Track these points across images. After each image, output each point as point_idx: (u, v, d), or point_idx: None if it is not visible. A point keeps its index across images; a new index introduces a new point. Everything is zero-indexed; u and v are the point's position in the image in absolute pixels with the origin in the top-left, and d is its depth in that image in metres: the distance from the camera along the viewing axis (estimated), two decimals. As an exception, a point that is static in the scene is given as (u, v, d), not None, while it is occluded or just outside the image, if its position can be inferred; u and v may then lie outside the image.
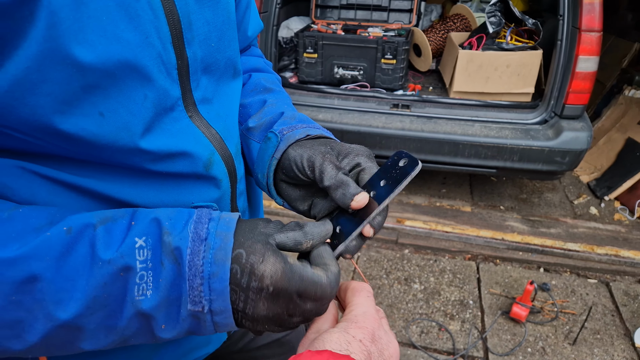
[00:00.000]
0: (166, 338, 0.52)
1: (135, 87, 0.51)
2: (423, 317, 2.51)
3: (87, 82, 0.47)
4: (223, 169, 0.65)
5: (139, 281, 0.48)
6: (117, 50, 0.48)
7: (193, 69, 0.59)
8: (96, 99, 0.49)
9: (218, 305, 0.50)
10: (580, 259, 2.87)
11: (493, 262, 2.92)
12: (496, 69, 2.98)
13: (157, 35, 0.52)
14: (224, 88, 0.69)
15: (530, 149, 2.75)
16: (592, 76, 2.65)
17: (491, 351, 2.31)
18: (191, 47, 0.57)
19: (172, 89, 0.56)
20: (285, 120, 0.71)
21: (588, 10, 2.52)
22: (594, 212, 3.33)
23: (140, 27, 0.50)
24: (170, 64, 0.55)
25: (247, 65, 0.89)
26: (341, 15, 3.64)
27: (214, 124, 0.64)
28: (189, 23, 0.56)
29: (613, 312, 2.55)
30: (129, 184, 0.58)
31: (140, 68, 0.51)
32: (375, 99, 3.06)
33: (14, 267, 0.45)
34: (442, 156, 2.91)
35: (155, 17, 0.51)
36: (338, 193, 0.59)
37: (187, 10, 0.55)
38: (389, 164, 0.61)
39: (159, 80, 0.53)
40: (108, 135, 0.51)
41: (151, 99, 0.53)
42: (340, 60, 3.26)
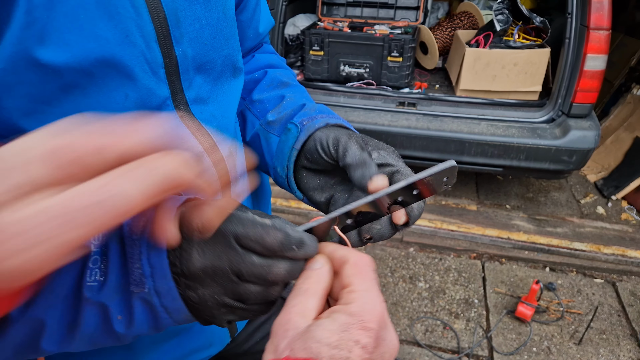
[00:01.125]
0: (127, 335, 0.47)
1: (115, 86, 0.51)
2: (428, 316, 2.50)
3: (64, 82, 0.47)
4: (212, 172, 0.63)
5: (92, 265, 0.44)
6: (95, 49, 0.47)
7: (183, 68, 0.58)
8: (75, 98, 0.49)
9: (161, 283, 0.44)
10: (586, 259, 2.86)
11: (499, 261, 2.91)
12: (503, 67, 2.97)
13: (139, 33, 0.51)
14: (222, 87, 0.68)
15: (537, 147, 2.74)
16: (600, 75, 2.63)
17: (496, 350, 2.30)
18: (180, 45, 0.56)
19: (159, 88, 0.55)
20: (306, 112, 0.69)
21: (597, 8, 2.50)
22: (600, 211, 3.31)
23: (120, 25, 0.49)
24: (156, 62, 0.53)
25: (261, 62, 0.87)
26: (348, 13, 3.63)
27: (207, 124, 0.63)
28: (177, 20, 0.55)
29: (619, 312, 2.53)
30: None
31: (120, 67, 0.50)
32: (381, 97, 3.05)
33: None
34: (448, 155, 2.89)
35: (137, 14, 0.50)
36: (358, 172, 0.55)
37: (174, 7, 0.54)
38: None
39: (141, 79, 0.52)
40: None
41: (133, 98, 0.52)
42: (347, 57, 3.25)
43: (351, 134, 0.60)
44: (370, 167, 0.54)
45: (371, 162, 0.55)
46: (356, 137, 0.59)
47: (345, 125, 0.66)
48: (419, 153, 2.93)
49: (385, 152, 0.59)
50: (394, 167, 0.58)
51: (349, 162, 0.56)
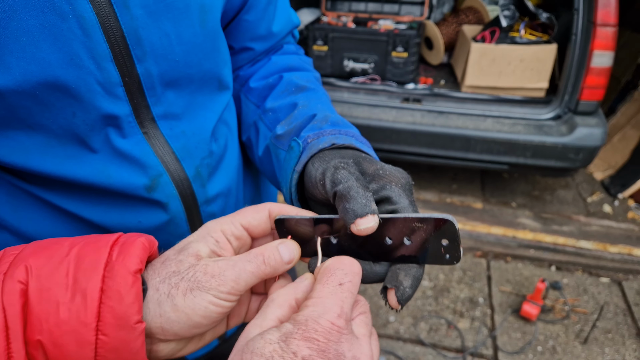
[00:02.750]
0: None
1: (61, 106, 0.50)
2: (432, 315, 2.49)
3: (7, 103, 0.47)
4: (172, 192, 0.62)
5: None
6: (36, 72, 0.47)
7: (148, 85, 0.56)
8: (22, 116, 0.49)
9: None
10: (592, 258, 2.84)
11: (504, 259, 2.89)
12: (509, 63, 2.94)
13: (88, 54, 0.49)
14: (201, 102, 0.65)
15: (543, 145, 2.72)
16: (607, 71, 2.61)
17: (501, 349, 2.29)
18: (143, 63, 0.54)
19: (115, 106, 0.54)
20: (315, 125, 0.61)
21: (604, 5, 2.47)
22: (607, 210, 3.29)
23: (65, 48, 0.48)
24: (110, 82, 0.52)
25: (278, 65, 0.80)
26: (352, 8, 3.61)
27: (173, 142, 0.61)
28: (138, 39, 0.53)
29: (625, 311, 2.51)
30: (78, 198, 0.58)
31: (64, 88, 0.49)
32: (386, 93, 3.03)
33: None
34: (454, 151, 2.88)
35: (86, 36, 0.49)
36: (341, 206, 0.45)
37: (133, 25, 0.52)
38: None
39: (89, 99, 0.51)
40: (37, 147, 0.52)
41: (81, 116, 0.52)
42: (351, 53, 3.23)
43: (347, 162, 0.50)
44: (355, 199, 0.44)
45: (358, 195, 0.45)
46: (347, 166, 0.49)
47: (354, 146, 0.56)
48: (424, 150, 2.91)
49: (389, 185, 0.48)
50: (394, 206, 0.47)
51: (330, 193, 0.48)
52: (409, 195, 0.48)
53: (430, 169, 3.64)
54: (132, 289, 0.41)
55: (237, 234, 0.48)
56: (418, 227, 0.44)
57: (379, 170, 0.49)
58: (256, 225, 0.49)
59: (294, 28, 0.85)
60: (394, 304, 0.45)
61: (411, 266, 0.47)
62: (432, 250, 0.45)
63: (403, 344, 2.32)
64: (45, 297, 0.40)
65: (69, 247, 0.43)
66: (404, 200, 0.47)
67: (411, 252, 0.46)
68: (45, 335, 0.39)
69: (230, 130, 0.75)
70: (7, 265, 0.41)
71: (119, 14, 0.50)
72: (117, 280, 0.41)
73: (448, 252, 0.45)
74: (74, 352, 0.40)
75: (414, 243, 0.45)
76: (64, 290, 0.40)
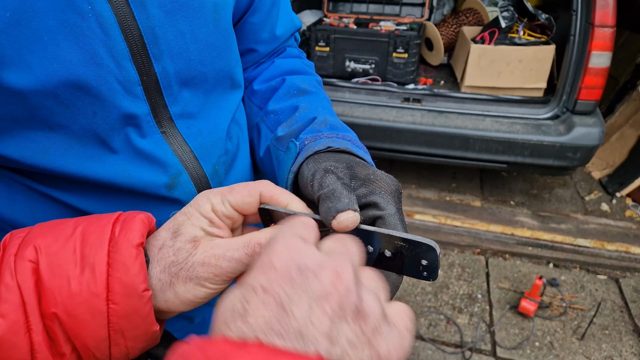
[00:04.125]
0: None
1: (82, 105, 0.51)
2: (431, 310, 2.52)
3: (29, 103, 0.48)
4: (191, 190, 0.63)
5: None
6: (58, 71, 0.47)
7: (165, 84, 0.57)
8: (42, 117, 0.49)
9: None
10: (590, 255, 2.87)
11: (502, 256, 2.92)
12: (508, 64, 2.97)
13: (108, 53, 0.50)
14: (216, 101, 0.66)
15: (541, 144, 2.75)
16: (604, 72, 2.63)
17: (499, 345, 2.32)
18: (160, 61, 0.55)
19: (134, 105, 0.54)
20: (314, 127, 0.62)
21: (601, 6, 2.50)
22: (605, 208, 3.31)
23: (85, 47, 0.48)
24: (129, 81, 0.53)
25: (281, 68, 0.82)
26: (353, 9, 3.64)
27: (191, 141, 0.62)
28: (155, 37, 0.53)
29: (622, 308, 2.54)
30: (95, 198, 0.58)
31: (85, 87, 0.50)
32: (387, 93, 3.06)
33: None
34: (453, 150, 2.90)
35: (105, 35, 0.49)
36: (324, 206, 0.46)
37: (150, 24, 0.53)
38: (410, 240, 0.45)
39: (109, 98, 0.52)
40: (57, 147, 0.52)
41: (101, 116, 0.52)
42: (352, 53, 3.26)
43: (338, 166, 0.51)
44: (339, 199, 0.45)
45: (342, 195, 0.45)
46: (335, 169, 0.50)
47: (349, 150, 0.56)
48: (424, 149, 2.94)
49: (378, 190, 0.48)
50: (380, 212, 0.47)
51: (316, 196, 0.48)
52: (397, 203, 0.48)
53: (430, 167, 3.67)
54: (136, 261, 0.43)
55: (228, 214, 0.48)
56: (400, 245, 0.45)
57: (370, 175, 0.50)
58: (247, 209, 0.49)
59: (296, 31, 0.87)
60: None
61: (390, 273, 0.47)
62: (410, 266, 0.46)
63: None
64: (56, 273, 0.42)
65: (74, 227, 0.45)
66: (391, 207, 0.47)
67: (390, 263, 0.47)
68: (60, 308, 0.42)
69: (242, 130, 0.77)
70: (16, 247, 0.44)
71: (136, 13, 0.51)
72: (122, 254, 0.43)
73: (426, 271, 0.45)
74: (88, 321, 0.42)
75: (394, 257, 0.46)
76: (73, 266, 0.43)
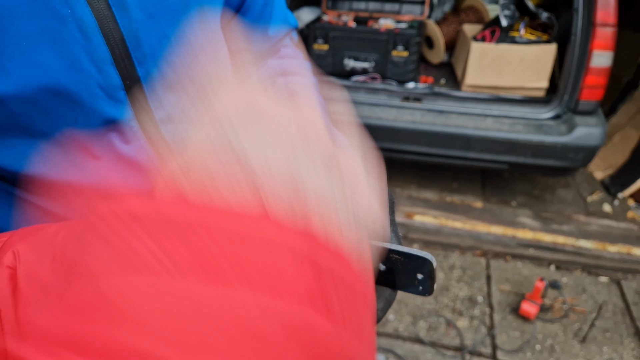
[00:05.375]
0: None
1: (63, 111, 0.50)
2: (431, 313, 2.50)
3: (9, 110, 0.47)
4: None
5: None
6: (37, 77, 0.47)
7: (149, 88, 0.56)
8: (23, 124, 0.49)
9: None
10: (591, 257, 2.85)
11: (503, 258, 2.90)
12: (509, 63, 2.95)
13: (89, 58, 0.49)
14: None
15: (543, 144, 2.72)
16: (606, 71, 2.61)
17: (499, 348, 2.30)
18: (143, 65, 0.54)
19: (117, 110, 0.53)
20: None
21: (603, 5, 2.48)
22: (607, 209, 3.29)
23: (65, 52, 0.48)
24: (111, 86, 0.52)
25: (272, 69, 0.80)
26: (352, 7, 3.62)
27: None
28: (137, 41, 0.53)
29: (623, 310, 2.52)
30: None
31: (65, 93, 0.49)
32: (386, 92, 3.04)
33: None
34: (454, 150, 2.89)
35: (86, 39, 0.48)
36: None
37: (133, 28, 0.52)
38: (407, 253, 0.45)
39: (90, 104, 0.51)
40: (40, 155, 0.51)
41: (82, 122, 0.52)
42: (351, 52, 3.24)
43: None
44: None
45: None
46: None
47: None
48: (424, 149, 2.92)
49: None
50: None
51: None
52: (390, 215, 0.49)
53: (430, 167, 3.65)
54: None
55: None
56: (395, 259, 0.45)
57: None
58: None
59: (291, 30, 0.85)
60: None
61: (385, 289, 0.48)
62: (405, 280, 0.46)
63: (402, 342, 2.33)
64: None
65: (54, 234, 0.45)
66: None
67: (385, 277, 0.46)
68: None
69: None
70: None
71: (118, 17, 0.50)
72: None
73: (421, 285, 0.45)
74: None
75: (388, 270, 0.46)
76: None
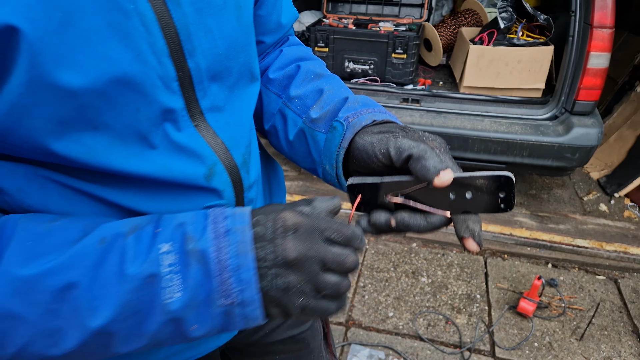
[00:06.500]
0: (197, 337, 0.53)
1: (126, 102, 0.52)
2: (430, 310, 2.52)
3: (79, 103, 0.49)
4: (226, 180, 0.65)
5: (167, 285, 0.49)
6: (107, 69, 0.49)
7: (197, 79, 0.59)
8: (90, 116, 0.51)
9: (248, 294, 0.51)
10: (588, 256, 2.87)
11: (501, 257, 2.92)
12: (507, 65, 2.98)
13: (150, 50, 0.52)
14: (239, 94, 0.69)
15: (540, 144, 2.75)
16: (603, 73, 2.64)
17: (498, 345, 2.32)
18: (193, 57, 0.57)
19: (172, 100, 0.56)
20: (350, 106, 0.70)
21: (600, 7, 2.50)
22: (603, 209, 3.32)
23: (131, 45, 0.50)
24: (168, 77, 0.55)
25: (290, 56, 0.86)
26: (352, 10, 3.65)
27: (221, 133, 0.64)
28: (188, 34, 0.56)
29: (621, 308, 2.55)
30: (134, 193, 0.59)
31: (131, 84, 0.51)
32: (386, 93, 3.07)
33: (53, 277, 0.48)
34: (452, 151, 2.89)
35: (148, 32, 0.51)
36: (419, 165, 0.54)
37: (185, 22, 0.55)
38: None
39: (152, 94, 0.54)
40: (102, 147, 0.53)
41: (144, 112, 0.54)
42: (351, 54, 3.27)
43: (395, 133, 0.59)
44: (432, 157, 0.54)
45: (434, 154, 0.54)
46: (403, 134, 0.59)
47: (392, 120, 0.66)
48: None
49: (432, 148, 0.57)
50: None
51: (406, 155, 0.56)
52: (450, 157, 0.56)
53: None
54: None
55: None
56: (481, 184, 0.53)
57: (422, 137, 0.58)
58: None
59: (295, 20, 0.91)
60: (475, 248, 0.55)
61: (473, 215, 0.56)
62: (490, 202, 0.54)
63: (402, 339, 2.35)
64: None
65: None
66: (448, 162, 0.55)
67: (471, 204, 0.54)
68: None
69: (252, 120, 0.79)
70: None
71: (172, 11, 0.53)
72: None
73: (503, 202, 0.53)
74: None
75: (474, 197, 0.53)
76: None
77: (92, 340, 0.49)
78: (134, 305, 0.49)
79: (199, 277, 0.50)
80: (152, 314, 0.50)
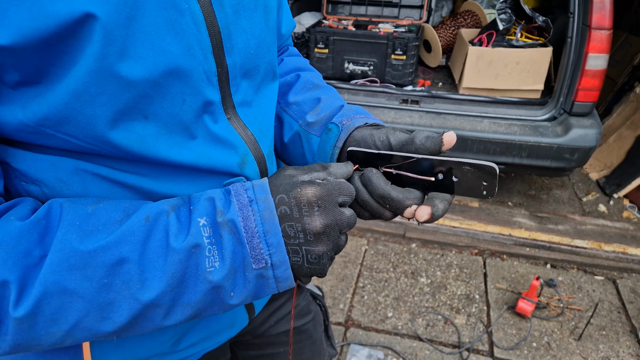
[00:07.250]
0: (234, 305, 0.59)
1: (175, 93, 0.57)
2: (429, 311, 2.53)
3: (137, 92, 0.53)
4: (255, 169, 0.70)
5: (208, 254, 0.55)
6: (163, 62, 0.53)
7: (232, 75, 0.63)
8: (143, 106, 0.55)
9: (277, 257, 0.57)
10: (587, 256, 2.88)
11: (500, 257, 2.93)
12: (506, 66, 2.99)
13: (199, 46, 0.56)
14: (263, 91, 0.74)
15: (539, 145, 2.76)
16: (601, 74, 2.65)
17: (496, 345, 2.33)
18: (231, 55, 0.62)
19: (212, 94, 0.61)
20: (344, 112, 0.76)
21: (598, 8, 2.51)
22: (602, 209, 3.33)
23: (184, 40, 0.55)
24: (211, 71, 0.59)
25: (290, 65, 0.93)
26: (352, 11, 3.66)
27: (250, 125, 0.69)
28: (229, 33, 0.60)
29: (619, 309, 2.56)
30: (171, 180, 0.64)
31: (182, 76, 0.56)
32: (385, 94, 3.08)
33: (105, 253, 0.52)
34: (451, 152, 2.91)
35: (197, 30, 0.56)
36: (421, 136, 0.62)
37: (226, 21, 0.60)
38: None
39: (197, 86, 0.58)
40: (150, 136, 0.57)
41: (189, 102, 0.58)
42: (351, 55, 3.28)
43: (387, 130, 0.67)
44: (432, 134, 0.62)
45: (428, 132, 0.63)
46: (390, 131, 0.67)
47: (382, 125, 0.73)
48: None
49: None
50: None
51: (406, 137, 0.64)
52: None
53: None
54: None
55: None
56: (467, 170, 0.57)
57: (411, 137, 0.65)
58: None
59: (293, 29, 0.96)
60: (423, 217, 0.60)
61: (446, 195, 0.62)
62: (473, 187, 0.58)
63: (401, 339, 2.36)
64: None
65: None
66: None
67: (456, 186, 0.59)
68: None
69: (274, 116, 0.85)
70: None
71: (217, 12, 0.58)
72: None
73: (485, 190, 0.58)
74: None
75: (460, 181, 0.59)
76: None
77: (142, 312, 0.54)
78: (180, 275, 0.54)
79: (233, 246, 0.56)
80: (196, 283, 0.55)
